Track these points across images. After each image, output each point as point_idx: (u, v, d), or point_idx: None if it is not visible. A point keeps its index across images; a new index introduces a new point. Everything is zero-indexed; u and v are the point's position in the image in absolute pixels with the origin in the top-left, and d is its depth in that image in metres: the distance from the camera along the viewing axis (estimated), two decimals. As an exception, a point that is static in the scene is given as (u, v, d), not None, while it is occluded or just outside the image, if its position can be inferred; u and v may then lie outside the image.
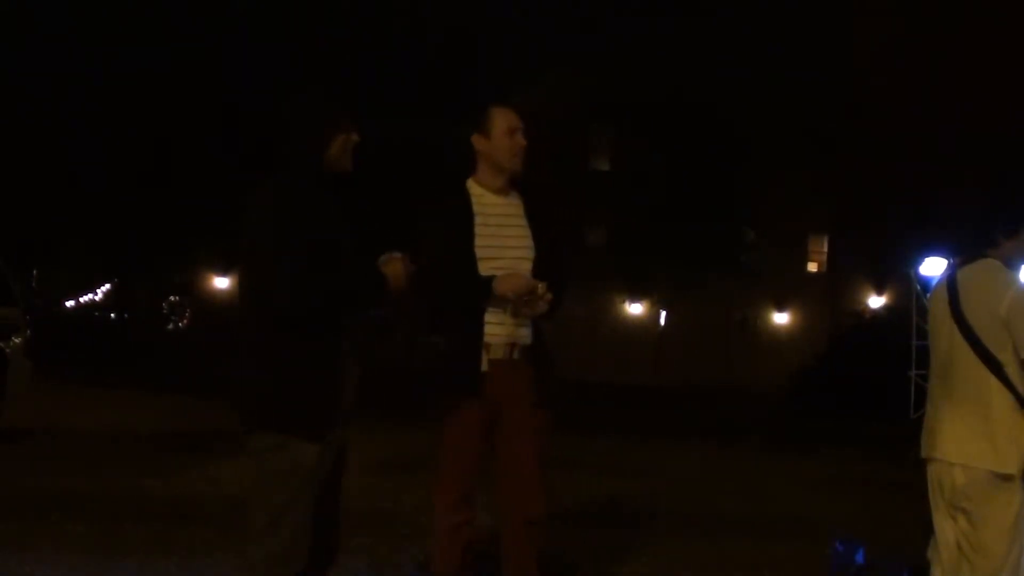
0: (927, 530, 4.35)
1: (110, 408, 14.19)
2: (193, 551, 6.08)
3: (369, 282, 3.79)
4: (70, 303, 52.18)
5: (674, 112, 34.55)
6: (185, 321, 47.99)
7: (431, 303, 4.45)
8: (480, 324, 4.36)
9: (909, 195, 34.24)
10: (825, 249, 43.53)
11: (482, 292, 4.33)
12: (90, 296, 56.70)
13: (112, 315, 47.33)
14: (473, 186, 4.52)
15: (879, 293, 39.48)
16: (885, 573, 5.86)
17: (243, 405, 3.74)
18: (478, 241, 4.40)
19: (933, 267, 18.09)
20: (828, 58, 35.01)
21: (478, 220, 4.42)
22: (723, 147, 34.96)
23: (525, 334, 4.43)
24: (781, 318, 43.63)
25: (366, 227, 3.97)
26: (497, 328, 4.38)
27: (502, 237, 4.43)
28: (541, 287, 4.30)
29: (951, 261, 4.44)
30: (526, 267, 4.39)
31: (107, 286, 54.77)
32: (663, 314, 41.60)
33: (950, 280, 4.25)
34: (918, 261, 19.34)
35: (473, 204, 4.46)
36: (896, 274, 29.92)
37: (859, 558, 6.03)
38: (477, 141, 4.50)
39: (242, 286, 3.87)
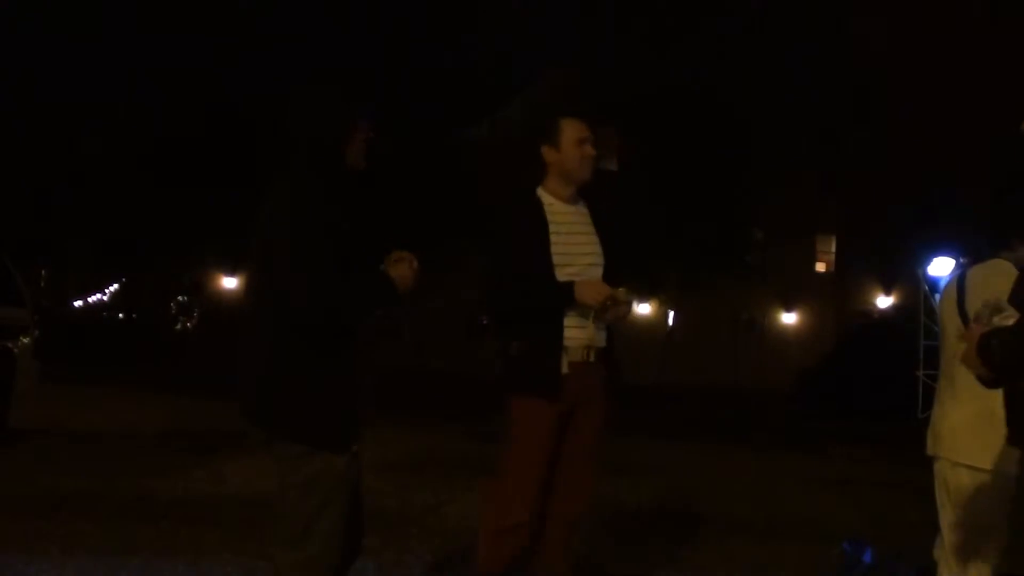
0: (934, 530, 4.34)
1: (118, 408, 14.20)
2: (200, 551, 6.08)
3: (384, 285, 3.77)
4: (78, 303, 52.29)
5: (681, 112, 34.50)
6: (193, 321, 48.08)
7: (508, 308, 4.52)
8: (560, 327, 4.41)
9: (917, 195, 34.18)
10: (833, 249, 43.45)
11: (562, 297, 4.39)
12: (98, 296, 56.84)
13: (120, 315, 47.42)
14: (544, 195, 4.59)
15: (887, 293, 39.42)
16: (892, 573, 5.85)
17: (264, 418, 3.71)
18: (552, 248, 4.47)
19: (941, 267, 18.07)
20: (835, 57, 34.95)
21: (551, 228, 4.49)
22: (730, 147, 34.91)
23: (601, 337, 4.51)
24: (789, 318, 43.57)
25: (374, 229, 3.96)
26: (576, 332, 4.43)
27: (573, 244, 4.51)
28: (621, 292, 4.40)
29: (962, 261, 4.46)
30: (597, 273, 4.48)
31: (115, 286, 54.90)
32: (670, 314, 41.57)
33: (960, 279, 4.26)
34: (926, 261, 19.32)
35: (545, 212, 4.52)
36: (904, 274, 29.89)
37: (867, 558, 6.01)
38: (547, 152, 4.57)
39: (256, 289, 3.80)
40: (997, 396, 4.04)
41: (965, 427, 4.11)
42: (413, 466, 9.72)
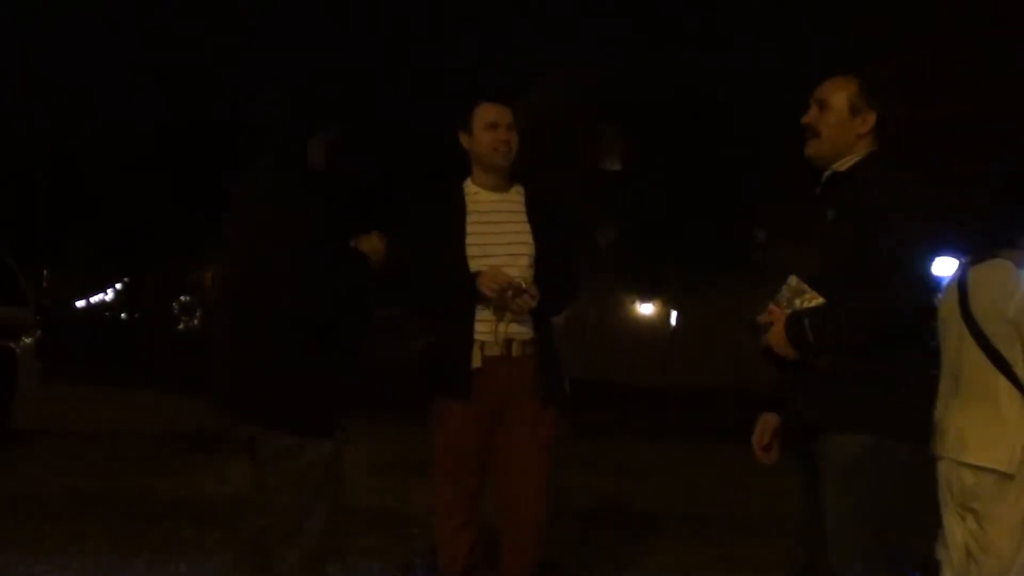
0: (937, 529, 4.33)
1: (120, 408, 14.20)
2: (203, 551, 6.08)
3: (357, 262, 3.78)
4: (80, 303, 52.37)
5: (685, 112, 34.51)
6: (195, 321, 48.14)
7: (422, 303, 4.41)
8: (469, 322, 4.27)
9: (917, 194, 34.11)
10: (835, 249, 43.40)
11: (470, 289, 4.24)
12: (100, 296, 56.92)
13: (122, 315, 47.48)
14: (469, 185, 4.48)
15: (890, 293, 39.37)
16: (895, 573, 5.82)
17: (255, 412, 3.72)
18: (469, 239, 4.33)
19: (943, 267, 18.09)
20: (838, 56, 34.94)
21: (470, 218, 4.36)
22: (734, 146, 34.91)
23: (522, 330, 4.31)
24: (791, 318, 43.51)
25: (356, 224, 3.96)
26: (489, 325, 4.28)
27: (494, 234, 4.35)
28: (523, 282, 4.19)
29: (964, 260, 4.45)
30: (522, 262, 4.31)
31: (117, 286, 54.95)
32: (674, 314, 41.55)
33: (961, 279, 4.26)
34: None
35: (467, 203, 4.40)
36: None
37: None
38: (463, 139, 4.46)
39: (234, 287, 3.82)
40: (1000, 395, 4.03)
41: (969, 426, 4.09)
42: (414, 466, 9.70)
